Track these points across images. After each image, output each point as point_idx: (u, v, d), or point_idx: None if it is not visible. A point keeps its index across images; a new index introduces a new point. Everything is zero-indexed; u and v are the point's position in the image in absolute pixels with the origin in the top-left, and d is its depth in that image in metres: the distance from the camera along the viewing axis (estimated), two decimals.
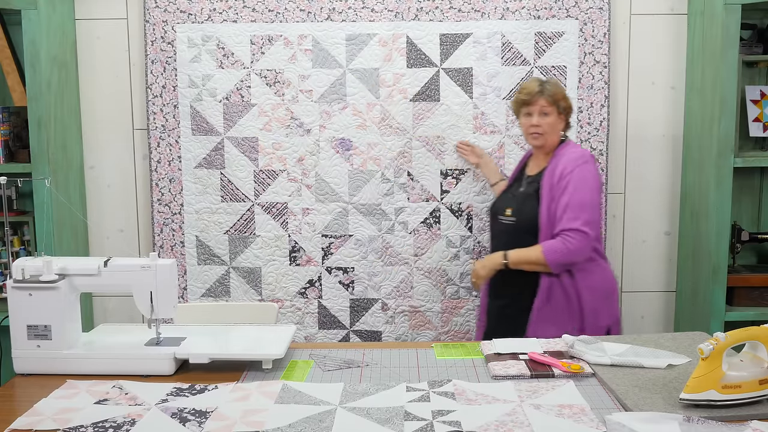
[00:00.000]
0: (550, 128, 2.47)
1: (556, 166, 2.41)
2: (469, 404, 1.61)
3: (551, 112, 2.46)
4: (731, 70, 2.73)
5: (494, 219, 2.59)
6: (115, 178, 3.17)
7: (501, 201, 2.61)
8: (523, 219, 2.45)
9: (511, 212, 2.49)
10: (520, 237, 2.43)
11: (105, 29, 3.10)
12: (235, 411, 1.59)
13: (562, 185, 2.36)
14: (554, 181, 2.39)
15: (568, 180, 2.36)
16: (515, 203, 2.50)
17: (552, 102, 2.45)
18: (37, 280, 1.84)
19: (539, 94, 2.45)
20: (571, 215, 2.32)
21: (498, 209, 2.57)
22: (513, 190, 2.59)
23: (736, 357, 1.60)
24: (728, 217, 2.81)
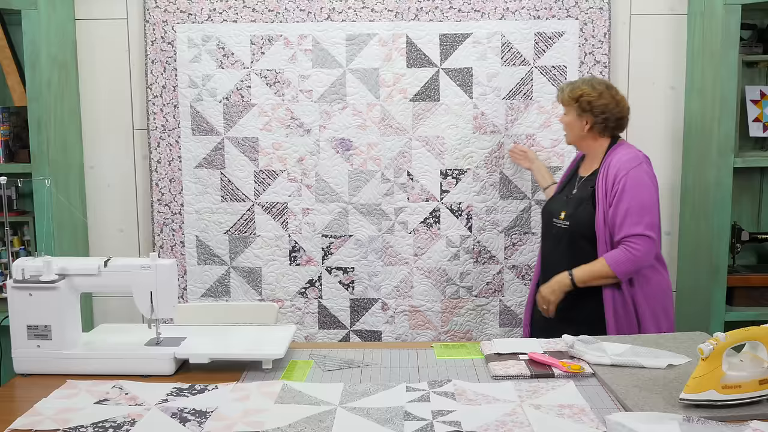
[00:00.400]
0: (568, 127, 2.49)
1: (609, 169, 2.36)
2: (469, 404, 1.61)
3: (568, 112, 2.48)
4: (731, 70, 2.73)
5: (548, 221, 2.53)
6: (115, 178, 3.17)
7: (555, 203, 2.55)
8: (577, 223, 2.39)
9: (564, 215, 2.44)
10: (575, 241, 2.39)
11: (105, 29, 3.10)
12: (235, 411, 1.59)
13: (618, 190, 2.30)
14: (608, 185, 2.33)
15: (623, 184, 2.30)
16: (569, 206, 2.45)
17: (565, 102, 2.47)
18: (37, 280, 1.84)
19: (558, 96, 2.52)
20: (632, 221, 2.26)
21: (552, 211, 2.51)
22: (567, 191, 2.53)
23: (736, 357, 1.60)
24: (728, 217, 2.81)
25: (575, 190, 2.48)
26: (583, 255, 2.36)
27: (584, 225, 2.36)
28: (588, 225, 2.35)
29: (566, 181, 2.59)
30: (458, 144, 3.03)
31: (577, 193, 2.46)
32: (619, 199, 2.29)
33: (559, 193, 2.58)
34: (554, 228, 2.48)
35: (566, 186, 2.56)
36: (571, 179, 2.56)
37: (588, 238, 2.36)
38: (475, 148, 3.04)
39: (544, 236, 2.59)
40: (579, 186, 2.48)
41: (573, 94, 2.45)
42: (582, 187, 2.46)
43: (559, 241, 2.45)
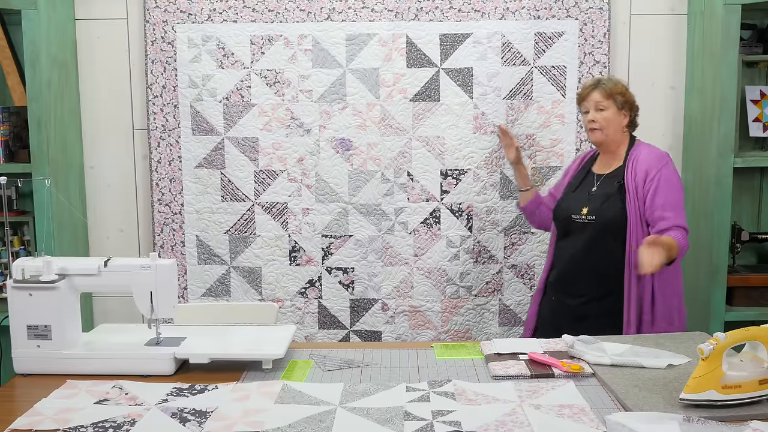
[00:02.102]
0: (607, 123, 2.42)
1: (638, 166, 2.37)
2: (469, 404, 1.61)
3: (608, 106, 2.41)
4: (731, 70, 2.73)
5: (566, 219, 2.48)
6: (115, 178, 3.17)
7: (571, 201, 2.50)
8: (605, 218, 2.37)
9: (588, 211, 2.41)
10: (601, 235, 2.38)
11: (105, 29, 3.10)
12: (235, 411, 1.59)
13: (653, 186, 2.31)
14: (639, 182, 2.34)
15: (658, 180, 2.32)
16: (593, 202, 2.42)
17: (607, 95, 2.41)
18: (37, 280, 1.84)
19: (592, 88, 2.43)
20: (677, 214, 2.29)
21: (570, 209, 2.47)
22: (583, 189, 2.50)
23: (736, 357, 1.60)
24: (728, 217, 2.81)
25: (595, 188, 2.45)
26: (607, 250, 2.36)
27: (611, 219, 2.35)
28: (615, 219, 2.35)
29: (577, 180, 2.56)
30: (458, 144, 3.03)
31: (598, 190, 2.44)
32: (654, 194, 2.30)
33: (573, 191, 2.53)
34: (573, 225, 2.44)
35: (580, 185, 2.52)
36: (585, 178, 2.53)
37: (613, 233, 2.35)
38: (475, 149, 3.04)
39: (560, 235, 2.54)
40: (600, 183, 2.46)
41: (617, 88, 2.43)
42: (605, 185, 2.44)
43: (579, 237, 2.42)
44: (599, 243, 2.37)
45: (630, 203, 2.34)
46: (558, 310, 2.48)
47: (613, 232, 2.35)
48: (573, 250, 2.43)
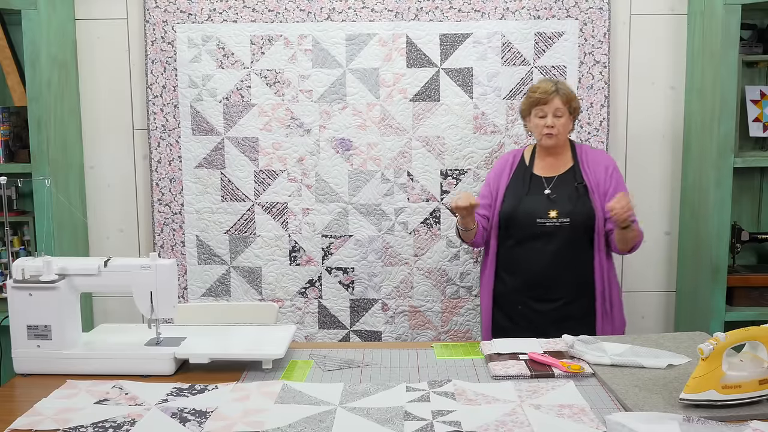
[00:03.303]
0: (563, 129, 2.48)
1: (591, 165, 2.49)
2: (469, 404, 1.61)
3: (564, 112, 2.47)
4: (731, 70, 2.73)
5: (527, 223, 2.45)
6: (115, 178, 3.17)
7: (529, 204, 2.46)
8: (579, 219, 2.42)
9: (558, 213, 2.42)
10: (575, 237, 2.43)
11: (105, 29, 3.10)
12: (235, 411, 1.59)
13: (614, 181, 2.46)
14: (600, 179, 2.46)
15: (617, 177, 2.48)
16: (562, 204, 2.43)
17: (566, 101, 2.46)
18: (37, 280, 1.84)
19: (554, 93, 2.45)
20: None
21: (532, 212, 2.44)
22: (536, 192, 2.49)
23: (736, 357, 1.60)
24: (728, 217, 2.81)
25: (549, 190, 2.47)
26: (582, 249, 2.45)
27: (585, 220, 2.42)
28: (589, 219, 2.43)
29: (520, 184, 2.51)
30: (458, 144, 3.03)
31: (558, 191, 2.47)
32: (617, 187, 2.45)
33: (526, 195, 2.48)
34: (540, 229, 2.43)
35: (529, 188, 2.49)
36: (530, 181, 2.51)
37: (587, 233, 2.44)
38: (475, 149, 3.04)
39: (519, 241, 2.49)
40: (555, 185, 2.48)
41: (571, 94, 2.50)
42: (562, 186, 2.48)
43: (549, 241, 2.43)
44: (573, 244, 2.43)
45: (596, 201, 2.43)
46: (527, 316, 2.47)
47: (587, 232, 2.44)
48: (543, 254, 2.43)
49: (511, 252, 2.52)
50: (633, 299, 3.20)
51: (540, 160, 2.56)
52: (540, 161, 2.56)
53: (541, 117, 2.48)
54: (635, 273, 3.18)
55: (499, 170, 2.62)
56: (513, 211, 2.49)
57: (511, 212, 2.49)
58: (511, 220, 2.50)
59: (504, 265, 2.54)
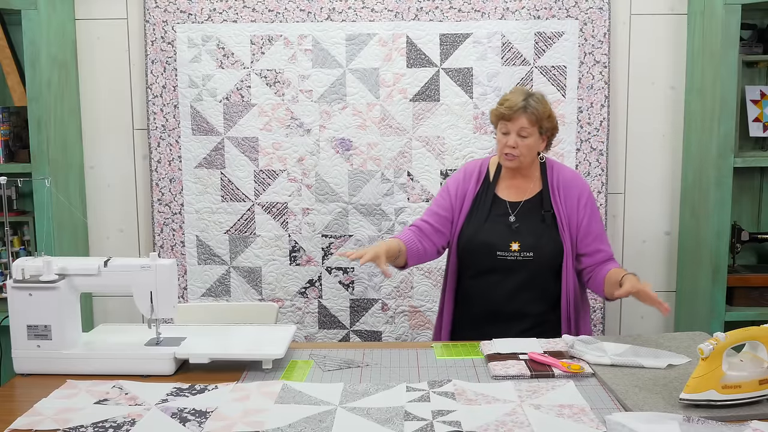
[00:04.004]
0: (528, 151, 2.17)
1: (563, 189, 2.22)
2: (469, 404, 1.61)
3: (532, 133, 2.16)
4: (731, 70, 2.73)
5: (485, 255, 2.20)
6: (115, 178, 3.17)
7: (489, 233, 2.21)
8: (545, 254, 2.17)
9: (520, 247, 2.17)
10: (539, 273, 2.19)
11: (105, 29, 3.10)
12: (235, 411, 1.59)
13: (587, 213, 2.21)
14: (571, 209, 2.21)
15: (591, 207, 2.23)
16: (525, 236, 2.18)
17: (534, 121, 2.14)
18: (37, 280, 1.84)
19: (522, 111, 2.13)
20: (607, 244, 2.25)
21: (491, 243, 2.19)
22: (498, 219, 2.23)
23: (736, 357, 1.60)
24: (728, 217, 2.81)
25: (514, 218, 2.22)
26: (547, 284, 2.22)
27: (552, 255, 2.19)
28: (555, 254, 2.19)
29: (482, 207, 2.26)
30: (458, 144, 3.03)
31: (522, 220, 2.21)
32: (591, 220, 2.22)
33: (485, 222, 2.23)
34: (500, 263, 2.19)
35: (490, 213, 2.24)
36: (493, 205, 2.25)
37: (553, 269, 2.21)
38: (475, 149, 3.04)
39: (476, 273, 2.25)
40: (520, 212, 2.22)
41: (545, 111, 2.17)
42: (527, 213, 2.22)
43: (510, 276, 2.19)
44: (536, 280, 2.20)
45: (564, 234, 2.19)
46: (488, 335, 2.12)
47: (553, 267, 2.20)
48: (501, 290, 2.21)
49: (468, 283, 2.28)
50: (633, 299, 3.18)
51: (505, 181, 2.29)
52: (505, 182, 2.28)
53: (504, 134, 2.18)
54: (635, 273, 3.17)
55: (464, 184, 2.31)
56: (467, 239, 2.24)
57: (467, 242, 2.24)
58: (467, 251, 2.24)
59: (462, 295, 2.31)
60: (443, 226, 2.29)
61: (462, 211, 2.28)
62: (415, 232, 2.28)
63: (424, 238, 2.27)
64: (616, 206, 3.14)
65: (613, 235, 3.15)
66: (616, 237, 3.16)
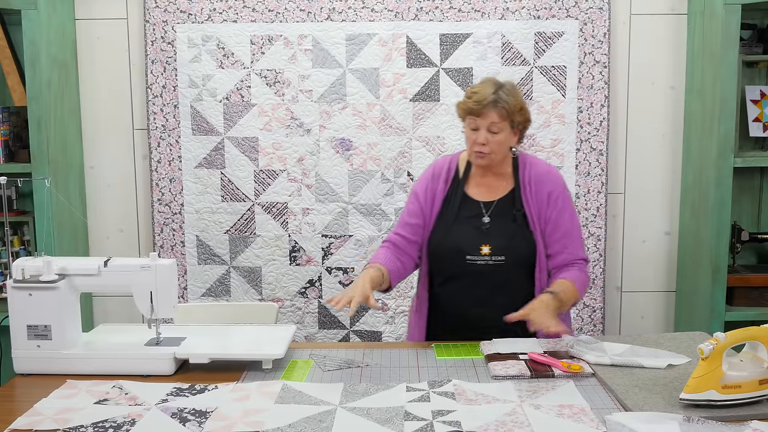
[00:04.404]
0: (499, 147, 2.02)
1: (536, 187, 2.09)
2: (469, 404, 1.61)
3: (503, 128, 2.00)
4: (731, 70, 2.73)
5: (454, 260, 2.08)
6: (115, 178, 3.17)
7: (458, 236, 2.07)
8: (517, 257, 2.06)
9: (491, 250, 2.04)
10: (512, 277, 2.07)
11: (105, 29, 3.10)
12: (235, 411, 1.59)
13: (555, 210, 2.07)
14: (541, 206, 2.08)
15: (562, 203, 2.08)
16: (496, 238, 2.05)
17: (506, 116, 1.99)
18: (37, 280, 1.84)
19: (492, 105, 1.97)
20: (579, 243, 2.11)
21: (460, 247, 2.06)
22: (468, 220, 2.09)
23: (736, 357, 1.60)
24: (728, 217, 2.81)
25: (487, 218, 2.08)
26: (521, 286, 2.10)
27: (525, 258, 2.07)
28: (529, 256, 2.07)
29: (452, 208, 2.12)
30: (458, 144, 3.03)
31: (494, 221, 2.08)
32: (559, 217, 2.07)
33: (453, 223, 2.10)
34: (470, 267, 2.06)
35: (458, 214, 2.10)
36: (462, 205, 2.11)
37: (527, 271, 2.09)
38: None
39: (446, 278, 2.13)
40: (493, 212, 2.10)
41: (517, 104, 2.02)
42: (500, 213, 2.09)
43: (481, 281, 2.07)
44: (509, 284, 2.07)
45: (537, 234, 2.08)
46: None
47: (527, 269, 2.08)
48: (473, 296, 2.09)
49: (438, 289, 2.16)
50: (633, 299, 3.20)
51: (475, 179, 2.14)
52: (475, 180, 2.14)
53: (474, 130, 2.03)
54: (635, 273, 3.18)
55: (433, 184, 2.16)
56: (437, 244, 2.11)
57: (436, 246, 2.11)
58: (435, 256, 2.12)
59: (434, 300, 2.20)
60: (417, 236, 2.15)
61: (433, 213, 2.14)
62: (391, 249, 2.13)
63: (401, 253, 2.14)
64: (616, 206, 3.14)
65: (613, 235, 3.15)
66: (616, 237, 3.16)
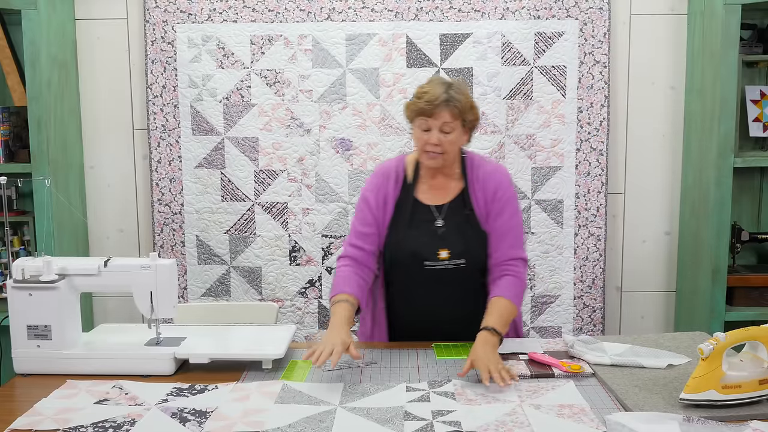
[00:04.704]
0: (452, 147, 1.97)
1: (484, 185, 2.03)
2: (469, 404, 1.61)
3: (455, 127, 1.94)
4: (731, 70, 2.73)
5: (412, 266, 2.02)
6: (115, 178, 3.17)
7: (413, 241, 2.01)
8: (477, 259, 2.02)
9: (450, 254, 1.99)
10: (472, 279, 2.04)
11: (105, 29, 3.10)
12: (235, 411, 1.59)
13: (497, 207, 2.01)
14: (489, 205, 2.02)
15: (505, 200, 2.02)
16: (454, 242, 2.00)
17: (458, 114, 1.93)
18: (37, 280, 1.84)
19: (444, 104, 1.91)
20: (518, 242, 2.02)
21: (420, 252, 2.01)
22: (421, 224, 2.03)
23: (736, 357, 1.60)
24: (728, 217, 2.81)
25: (440, 222, 2.03)
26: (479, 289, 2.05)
27: (484, 258, 2.02)
28: (487, 256, 2.03)
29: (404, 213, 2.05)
30: None
31: (449, 224, 2.03)
32: (500, 215, 2.01)
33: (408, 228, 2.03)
34: (429, 272, 2.01)
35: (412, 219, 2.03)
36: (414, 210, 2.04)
37: (483, 272, 2.05)
38: (475, 148, 3.03)
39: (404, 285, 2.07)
40: (446, 215, 2.04)
41: (467, 102, 1.96)
42: (453, 216, 2.04)
43: (440, 286, 2.03)
44: (469, 286, 2.04)
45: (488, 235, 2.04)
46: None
47: (483, 271, 2.05)
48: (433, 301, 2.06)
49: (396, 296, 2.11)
50: (633, 299, 3.20)
51: (425, 182, 2.07)
52: (425, 183, 2.07)
53: (425, 131, 1.95)
54: (635, 273, 3.18)
55: (384, 189, 2.08)
56: (395, 252, 2.04)
57: (393, 253, 2.05)
58: (393, 262, 2.06)
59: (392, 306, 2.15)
60: (373, 245, 2.07)
61: (386, 220, 2.06)
62: (352, 267, 2.04)
63: (361, 268, 2.03)
64: (616, 206, 3.14)
65: (613, 235, 3.15)
66: (616, 237, 3.16)
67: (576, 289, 3.11)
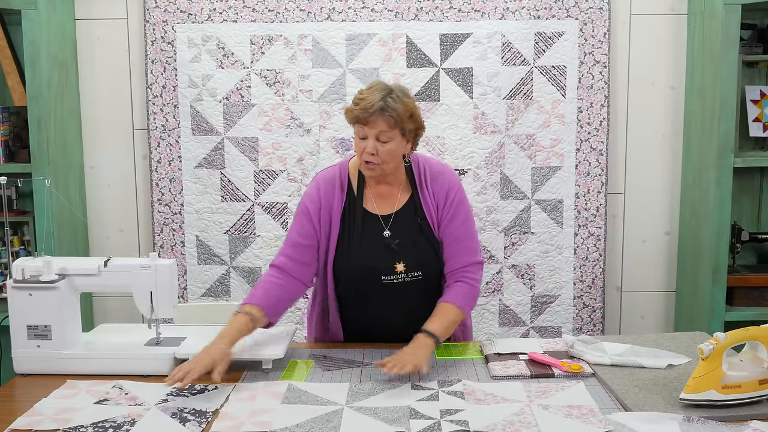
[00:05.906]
0: (390, 157, 1.88)
1: (434, 189, 1.98)
2: (478, 404, 1.61)
3: (393, 136, 1.86)
4: (731, 70, 2.73)
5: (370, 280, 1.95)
6: (115, 178, 3.17)
7: (369, 256, 1.94)
8: (433, 269, 1.97)
9: (406, 266, 1.93)
10: (429, 290, 1.99)
11: (105, 29, 3.10)
12: (242, 411, 1.59)
13: (449, 212, 1.96)
14: (439, 207, 1.97)
15: (456, 205, 1.97)
16: (408, 254, 1.94)
17: (394, 124, 1.84)
18: (37, 280, 1.84)
19: (379, 113, 1.82)
20: (472, 247, 1.98)
21: (376, 267, 1.94)
22: (372, 238, 1.95)
23: (736, 357, 1.60)
24: (728, 217, 2.81)
25: (388, 233, 1.96)
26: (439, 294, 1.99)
27: (441, 267, 1.98)
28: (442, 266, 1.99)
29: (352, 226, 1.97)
30: (458, 144, 3.03)
31: (401, 234, 1.96)
32: (452, 223, 1.96)
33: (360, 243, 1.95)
34: (387, 286, 1.96)
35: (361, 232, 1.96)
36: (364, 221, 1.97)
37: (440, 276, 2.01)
38: (475, 148, 3.04)
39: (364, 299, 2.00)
40: (395, 225, 1.97)
41: (407, 110, 1.86)
42: (403, 225, 1.96)
43: (397, 300, 1.98)
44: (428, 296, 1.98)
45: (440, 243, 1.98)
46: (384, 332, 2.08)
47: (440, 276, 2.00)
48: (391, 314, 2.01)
49: (352, 311, 2.06)
50: (633, 299, 3.20)
51: (371, 189, 1.99)
52: (370, 191, 1.99)
53: (362, 138, 1.88)
54: (635, 273, 3.18)
55: (327, 200, 1.98)
56: (348, 268, 1.96)
57: (346, 268, 1.96)
58: (346, 279, 1.98)
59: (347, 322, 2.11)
60: (309, 257, 1.97)
61: (332, 233, 1.97)
62: (274, 278, 1.95)
63: (287, 279, 1.95)
64: (616, 206, 3.14)
65: (613, 235, 3.15)
66: (616, 237, 3.16)
67: (576, 289, 3.11)
